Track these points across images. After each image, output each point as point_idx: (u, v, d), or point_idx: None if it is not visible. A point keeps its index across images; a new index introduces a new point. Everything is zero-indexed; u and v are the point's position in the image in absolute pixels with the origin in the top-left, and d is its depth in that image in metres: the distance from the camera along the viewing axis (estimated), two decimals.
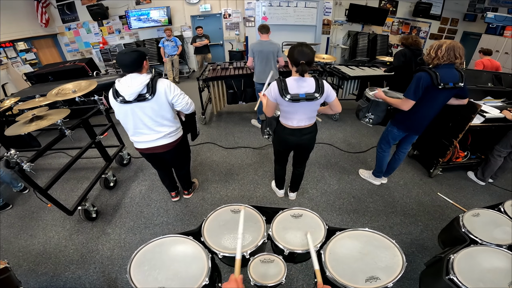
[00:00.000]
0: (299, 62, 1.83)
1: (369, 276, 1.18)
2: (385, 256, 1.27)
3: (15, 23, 6.50)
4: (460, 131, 2.81)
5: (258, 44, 3.70)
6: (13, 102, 3.46)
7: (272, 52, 3.70)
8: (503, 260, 1.27)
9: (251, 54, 3.77)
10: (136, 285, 1.17)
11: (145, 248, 1.35)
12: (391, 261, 1.24)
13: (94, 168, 3.60)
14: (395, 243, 1.31)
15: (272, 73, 2.85)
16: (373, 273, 1.19)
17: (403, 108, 2.31)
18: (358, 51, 7.78)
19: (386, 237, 1.35)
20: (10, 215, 2.91)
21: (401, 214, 2.73)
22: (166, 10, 7.60)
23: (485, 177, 3.10)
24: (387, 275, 1.18)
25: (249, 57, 3.83)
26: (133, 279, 1.19)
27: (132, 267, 1.26)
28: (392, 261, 1.24)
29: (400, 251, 1.27)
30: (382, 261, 1.25)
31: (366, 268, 1.22)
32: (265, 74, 3.84)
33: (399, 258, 1.25)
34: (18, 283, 1.61)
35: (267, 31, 3.67)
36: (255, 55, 3.74)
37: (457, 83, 2.14)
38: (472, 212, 1.62)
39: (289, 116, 2.11)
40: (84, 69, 5.67)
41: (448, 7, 7.89)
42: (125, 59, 1.87)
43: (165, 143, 2.24)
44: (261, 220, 1.50)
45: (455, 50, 2.04)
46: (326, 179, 3.27)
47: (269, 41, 3.70)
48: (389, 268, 1.21)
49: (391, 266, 1.22)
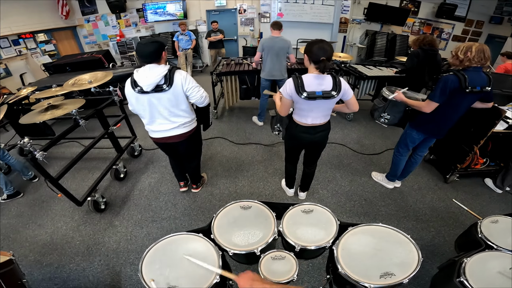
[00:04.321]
0: (319, 58, 1.77)
1: (383, 272, 1.16)
2: (400, 252, 1.24)
3: (36, 14, 6.64)
4: (482, 137, 2.68)
5: (270, 40, 3.64)
6: (30, 91, 3.53)
7: (283, 48, 3.64)
8: None
9: (260, 49, 3.71)
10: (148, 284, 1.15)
11: (156, 246, 1.33)
12: (406, 257, 1.21)
13: (106, 158, 3.64)
14: (410, 238, 1.28)
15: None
16: (387, 269, 1.17)
17: (425, 110, 2.22)
18: (375, 51, 7.59)
19: (401, 232, 1.32)
20: (20, 203, 2.97)
21: (413, 219, 2.65)
22: (182, 4, 7.64)
23: (504, 185, 2.98)
24: (402, 271, 1.15)
25: (257, 51, 3.77)
26: (145, 278, 1.17)
27: (144, 265, 1.24)
28: (407, 257, 1.21)
29: (416, 246, 1.25)
30: (397, 256, 1.22)
31: (380, 264, 1.20)
32: (274, 70, 3.81)
33: (415, 253, 1.22)
34: (22, 276, 1.61)
35: (279, 28, 3.61)
36: (265, 51, 3.68)
37: (485, 87, 2.04)
38: (491, 219, 1.58)
39: (304, 113, 2.05)
40: (100, 60, 5.77)
41: (474, 9, 7.59)
42: (145, 49, 1.88)
43: (179, 133, 2.26)
44: (271, 216, 1.49)
45: (485, 52, 1.95)
46: (337, 180, 3.20)
47: (281, 38, 3.64)
48: (405, 264, 1.18)
49: (407, 262, 1.19)
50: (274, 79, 3.92)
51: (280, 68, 3.83)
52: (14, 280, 1.54)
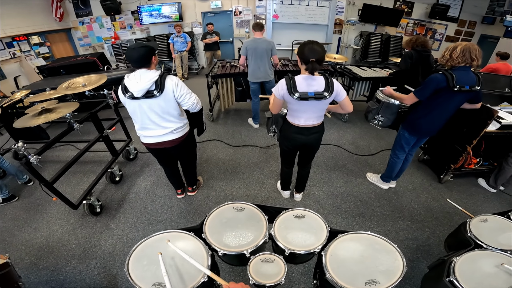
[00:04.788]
0: (309, 60, 1.79)
1: (368, 279, 1.17)
2: (386, 260, 1.26)
3: (30, 16, 6.61)
4: (475, 137, 2.71)
5: (252, 41, 3.60)
6: (24, 94, 3.50)
7: (266, 50, 3.61)
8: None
9: (244, 52, 3.66)
10: (134, 279, 1.16)
11: (145, 243, 1.34)
12: (391, 265, 1.23)
13: (101, 162, 3.62)
14: (397, 248, 1.30)
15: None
16: (373, 276, 1.18)
17: (406, 102, 2.35)
18: (370, 52, 7.65)
19: (388, 241, 1.34)
20: (15, 207, 2.95)
21: (408, 219, 2.67)
22: (177, 6, 7.63)
23: (497, 185, 3.01)
24: (386, 279, 1.17)
25: (241, 55, 3.73)
26: (130, 274, 1.19)
27: (131, 261, 1.25)
28: (393, 265, 1.23)
29: (402, 255, 1.27)
30: (383, 264, 1.24)
31: (366, 272, 1.21)
32: (259, 72, 3.77)
33: (400, 262, 1.24)
34: (18, 278, 1.60)
35: (260, 29, 3.57)
36: (249, 53, 3.64)
37: (474, 86, 2.07)
38: (480, 218, 1.60)
39: (297, 114, 2.07)
40: (95, 63, 5.75)
41: (467, 9, 7.69)
42: (134, 54, 1.87)
43: (171, 138, 2.24)
44: (263, 219, 1.49)
45: (471, 51, 1.97)
46: (333, 181, 3.21)
47: (263, 39, 3.61)
48: (389, 272, 1.20)
49: (392, 270, 1.21)
50: (261, 81, 3.89)
51: (265, 70, 3.78)
52: (11, 283, 1.54)
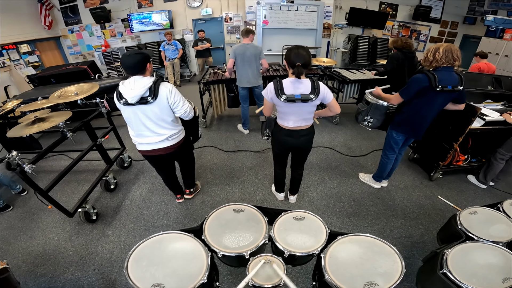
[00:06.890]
0: (295, 64, 1.88)
1: (367, 281, 1.18)
2: (385, 262, 1.27)
3: (18, 25, 6.54)
4: (460, 134, 2.81)
5: (241, 47, 3.64)
6: (16, 104, 3.48)
7: (255, 55, 3.66)
8: (497, 257, 1.29)
9: (232, 56, 3.70)
10: (133, 280, 1.16)
11: (144, 244, 1.33)
12: (390, 268, 1.24)
13: (95, 170, 3.60)
14: (396, 250, 1.31)
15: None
16: (371, 278, 1.19)
17: (393, 102, 2.45)
18: (358, 55, 7.81)
19: (387, 244, 1.35)
20: (10, 216, 2.92)
21: (401, 217, 2.73)
22: (168, 14, 7.65)
23: (486, 180, 3.10)
24: (385, 281, 1.18)
25: (230, 59, 3.75)
26: (130, 275, 1.19)
27: (130, 262, 1.24)
28: (391, 268, 1.24)
29: (401, 258, 1.28)
30: (382, 267, 1.25)
31: (365, 274, 1.22)
32: (248, 77, 3.81)
33: (399, 264, 1.25)
34: (17, 284, 1.61)
35: (248, 35, 3.63)
36: (237, 58, 3.68)
37: (456, 86, 2.15)
38: (469, 210, 1.65)
39: (285, 116, 2.15)
40: (86, 71, 5.72)
41: (448, 10, 7.94)
42: (129, 61, 1.90)
43: (167, 145, 2.25)
44: (263, 220, 1.51)
45: (453, 52, 2.05)
46: (326, 182, 3.27)
47: (251, 44, 3.66)
48: (388, 274, 1.21)
49: (390, 272, 1.22)
50: (250, 86, 3.92)
51: (254, 75, 3.82)
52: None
